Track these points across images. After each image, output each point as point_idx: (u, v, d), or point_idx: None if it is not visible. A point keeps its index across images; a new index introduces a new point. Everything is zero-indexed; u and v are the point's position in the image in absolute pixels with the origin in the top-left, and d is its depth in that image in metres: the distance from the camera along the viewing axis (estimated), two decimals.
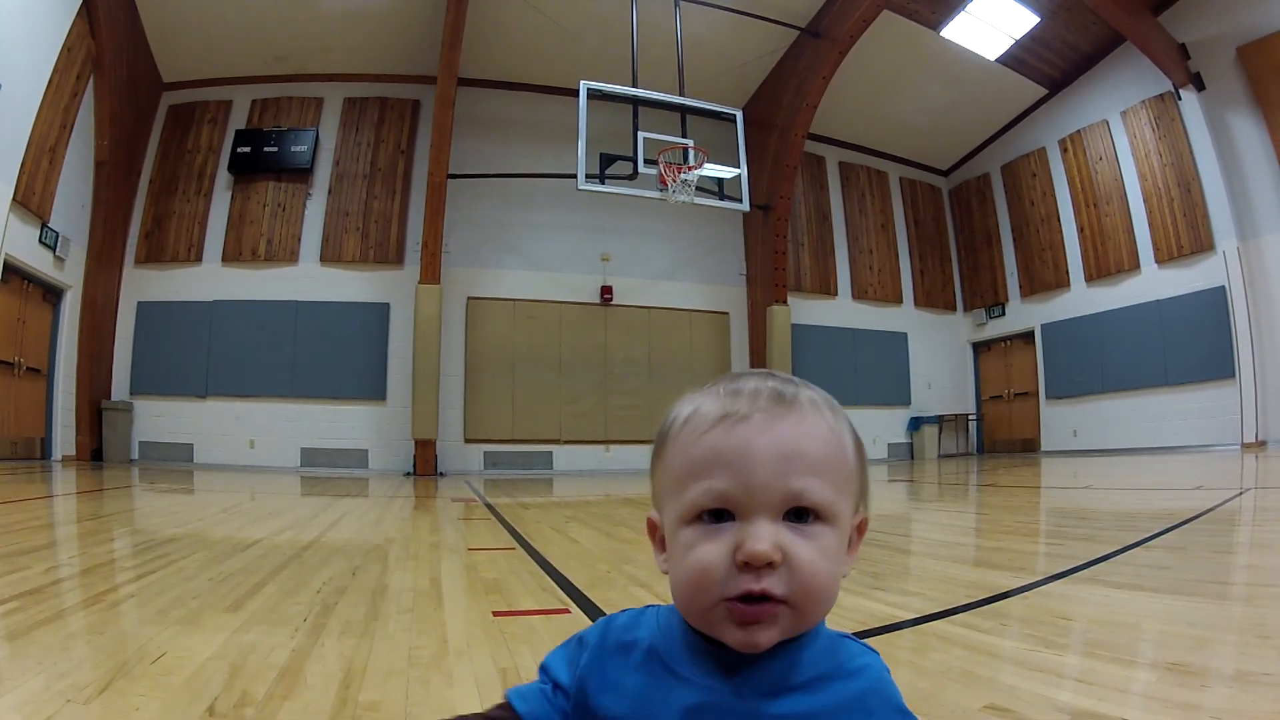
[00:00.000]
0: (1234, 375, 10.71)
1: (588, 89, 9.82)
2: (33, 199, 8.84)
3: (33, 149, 8.65)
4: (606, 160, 9.83)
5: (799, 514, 0.53)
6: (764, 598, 0.51)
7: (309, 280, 11.94)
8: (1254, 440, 10.34)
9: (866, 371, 14.54)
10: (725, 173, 10.42)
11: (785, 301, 13.32)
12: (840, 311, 14.70)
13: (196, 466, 11.03)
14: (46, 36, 8.78)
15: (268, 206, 12.08)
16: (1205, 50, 10.97)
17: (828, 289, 14.66)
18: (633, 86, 10.02)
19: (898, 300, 15.34)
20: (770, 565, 0.51)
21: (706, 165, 9.92)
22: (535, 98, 13.05)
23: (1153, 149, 11.91)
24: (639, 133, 9.76)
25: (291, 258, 12.00)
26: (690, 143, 9.91)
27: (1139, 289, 12.30)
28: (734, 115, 10.65)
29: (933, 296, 15.75)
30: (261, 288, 11.83)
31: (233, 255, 11.87)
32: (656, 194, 10.03)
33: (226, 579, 2.51)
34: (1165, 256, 11.83)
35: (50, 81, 8.86)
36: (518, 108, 13.03)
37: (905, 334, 15.24)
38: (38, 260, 9.23)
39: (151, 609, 2.02)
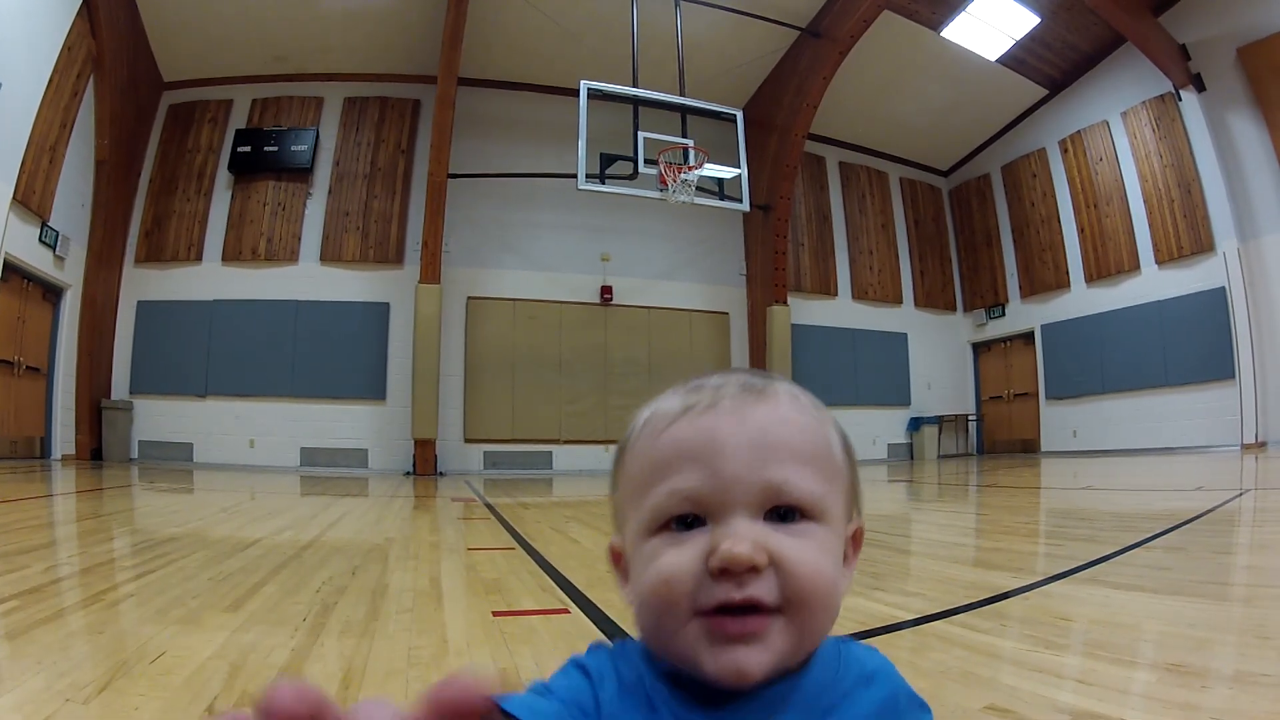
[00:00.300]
0: (1234, 376, 10.71)
1: (588, 89, 9.82)
2: (33, 198, 8.84)
3: (33, 148, 8.65)
4: (607, 160, 9.83)
5: (783, 515, 0.44)
6: (749, 608, 0.41)
7: (309, 280, 11.94)
8: (1254, 441, 10.34)
9: (866, 372, 14.54)
10: (725, 173, 10.43)
11: (785, 302, 13.32)
12: (840, 312, 14.70)
13: (196, 466, 11.03)
14: (47, 36, 8.78)
15: (268, 206, 12.08)
16: (1205, 51, 10.97)
17: (828, 289, 14.66)
18: (633, 86, 10.02)
19: (898, 300, 15.34)
20: (753, 570, 0.41)
21: (706, 165, 9.92)
22: (535, 97, 13.05)
23: (1153, 150, 11.91)
24: (639, 133, 9.76)
25: (292, 257, 12.00)
26: (690, 143, 9.91)
27: (1139, 290, 12.30)
28: (734, 115, 10.65)
29: (933, 297, 15.75)
30: (261, 287, 11.83)
31: (233, 255, 11.87)
32: (656, 194, 10.03)
33: (226, 578, 2.51)
34: (1165, 257, 11.83)
35: (50, 81, 8.86)
36: (518, 107, 13.02)
37: (905, 334, 15.24)
38: (37, 259, 9.23)
39: (151, 608, 2.02)
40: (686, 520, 0.45)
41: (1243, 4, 10.47)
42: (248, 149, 12.00)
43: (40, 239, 9.22)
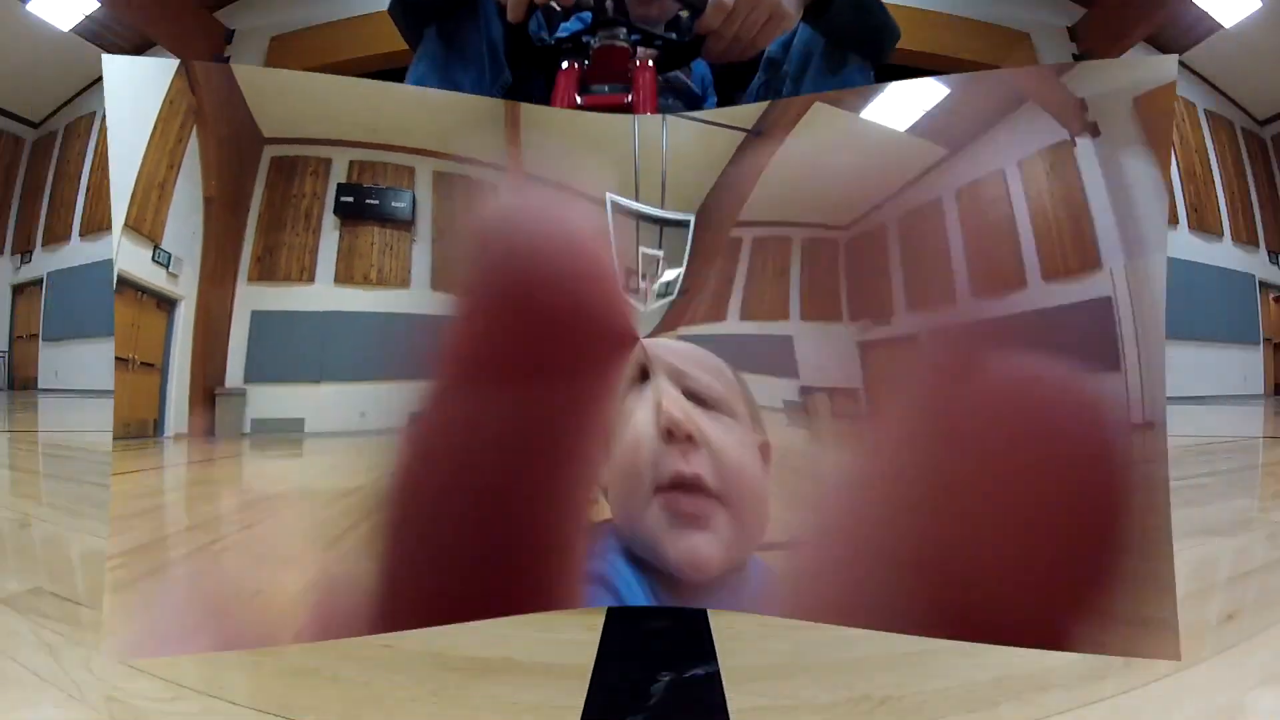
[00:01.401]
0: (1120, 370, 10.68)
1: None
2: (144, 225, 8.43)
3: (142, 182, 8.34)
4: None
5: (697, 400, 0.34)
6: (696, 488, 0.32)
7: (418, 302, 11.93)
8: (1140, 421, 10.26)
9: None
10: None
11: None
12: None
13: (307, 436, 10.88)
14: (148, 89, 8.49)
15: (375, 245, 11.98)
16: (1103, 102, 10.95)
17: None
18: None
19: None
20: (690, 440, 0.32)
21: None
22: None
23: (1044, 188, 11.90)
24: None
25: (404, 284, 11.93)
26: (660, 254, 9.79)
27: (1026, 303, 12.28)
28: (687, 220, 10.52)
29: None
30: (374, 304, 11.78)
31: (344, 278, 11.76)
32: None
33: (325, 523, 2.21)
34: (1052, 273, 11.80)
35: (155, 127, 8.59)
36: None
37: None
38: (150, 275, 8.94)
39: (252, 555, 1.71)
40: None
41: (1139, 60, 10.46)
42: (350, 199, 11.90)
43: (153, 259, 8.94)
